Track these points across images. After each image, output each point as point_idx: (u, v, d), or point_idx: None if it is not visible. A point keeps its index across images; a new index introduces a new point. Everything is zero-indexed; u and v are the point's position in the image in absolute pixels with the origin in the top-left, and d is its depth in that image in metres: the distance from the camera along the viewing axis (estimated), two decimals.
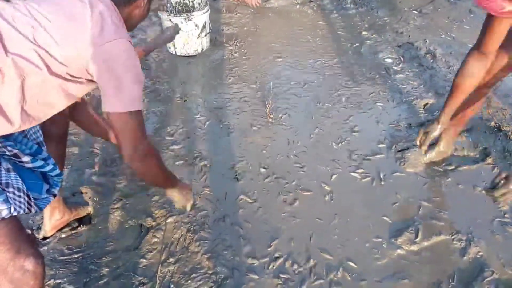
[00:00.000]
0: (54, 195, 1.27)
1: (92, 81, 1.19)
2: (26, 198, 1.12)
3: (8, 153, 1.11)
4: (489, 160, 2.22)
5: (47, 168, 1.25)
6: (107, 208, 1.92)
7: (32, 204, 1.15)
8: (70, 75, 1.14)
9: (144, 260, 1.70)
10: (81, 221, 1.87)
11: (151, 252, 1.73)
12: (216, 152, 2.29)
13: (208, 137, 2.42)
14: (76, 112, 1.59)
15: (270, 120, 2.56)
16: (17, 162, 1.16)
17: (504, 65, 1.84)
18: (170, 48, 3.32)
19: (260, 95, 2.83)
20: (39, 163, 1.23)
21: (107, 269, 1.66)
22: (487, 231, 1.83)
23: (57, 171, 1.28)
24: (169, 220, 1.85)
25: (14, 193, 1.07)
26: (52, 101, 1.16)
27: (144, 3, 1.32)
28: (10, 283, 1.04)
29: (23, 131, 1.23)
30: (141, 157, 1.25)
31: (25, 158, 1.16)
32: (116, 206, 1.93)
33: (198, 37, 3.25)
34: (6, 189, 1.06)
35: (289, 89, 2.91)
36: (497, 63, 1.83)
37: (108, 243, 1.78)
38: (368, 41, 3.65)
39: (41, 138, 1.33)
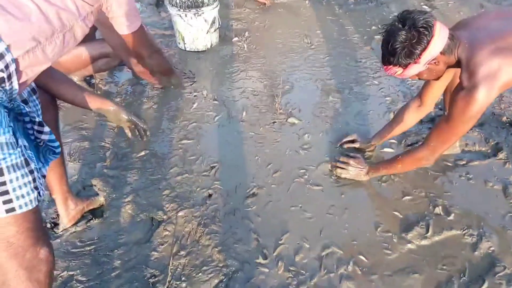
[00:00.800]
0: (44, 176, 1.27)
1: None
2: (43, 181, 1.16)
3: (36, 119, 1.14)
4: (501, 155, 2.20)
5: (56, 144, 1.26)
6: (118, 201, 1.94)
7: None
8: (90, 14, 1.32)
9: (156, 253, 1.71)
10: (93, 214, 1.89)
11: (162, 245, 1.74)
12: (226, 147, 2.30)
13: (218, 131, 2.42)
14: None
15: (280, 114, 2.56)
16: (34, 131, 1.18)
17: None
18: (179, 43, 3.33)
19: (269, 89, 2.83)
20: (53, 136, 1.24)
21: (119, 262, 1.68)
22: (498, 226, 1.82)
23: (59, 149, 1.29)
24: (180, 213, 1.86)
25: (39, 178, 1.09)
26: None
27: None
28: (25, 269, 1.08)
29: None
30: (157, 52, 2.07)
31: (46, 129, 1.18)
32: (127, 200, 1.95)
33: (207, 33, 3.26)
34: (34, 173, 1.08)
35: (299, 83, 2.91)
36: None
37: (119, 236, 1.80)
38: (378, 36, 3.62)
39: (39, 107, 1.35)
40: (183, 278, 1.61)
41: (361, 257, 1.69)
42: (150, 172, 2.11)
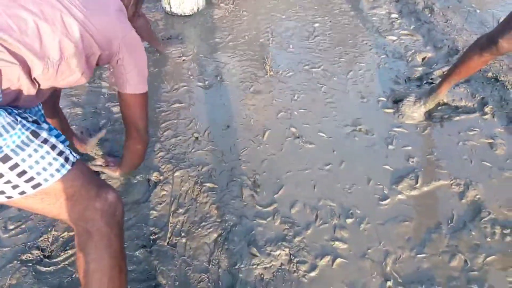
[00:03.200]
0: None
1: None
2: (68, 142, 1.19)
3: (30, 119, 1.11)
4: (486, 109, 2.26)
5: (62, 138, 1.26)
6: (114, 164, 1.95)
7: None
8: (96, 58, 1.28)
9: (154, 212, 1.75)
10: None
11: (160, 204, 1.78)
12: (218, 110, 2.31)
13: (209, 95, 2.43)
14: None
15: (271, 76, 2.57)
16: None
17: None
18: (166, 7, 3.26)
19: (259, 52, 2.82)
20: (56, 131, 1.25)
21: None
22: (484, 176, 1.90)
23: (67, 142, 1.29)
24: (176, 174, 1.89)
25: (59, 143, 1.10)
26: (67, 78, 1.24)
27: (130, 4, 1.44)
28: (101, 216, 1.12)
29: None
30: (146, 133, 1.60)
31: (44, 125, 1.16)
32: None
33: None
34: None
35: (288, 45, 2.90)
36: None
37: None
38: None
39: (42, 112, 1.41)
40: (182, 234, 1.65)
41: (354, 208, 1.75)
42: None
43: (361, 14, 3.34)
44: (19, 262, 1.52)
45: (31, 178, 1.00)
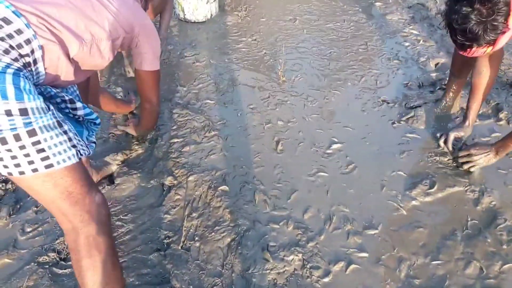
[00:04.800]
0: (94, 142, 1.43)
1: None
2: (83, 142, 1.26)
3: (66, 97, 1.24)
4: (501, 116, 2.24)
5: (93, 116, 1.36)
6: (129, 169, 1.98)
7: (88, 147, 1.29)
8: (121, 41, 1.46)
9: (168, 216, 1.76)
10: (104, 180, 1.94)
11: (174, 208, 1.79)
12: (231, 114, 2.32)
13: (222, 101, 2.45)
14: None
15: (283, 82, 2.58)
16: (69, 109, 1.28)
17: None
18: (179, 14, 3.31)
19: (272, 58, 2.83)
20: (88, 110, 1.34)
21: (133, 225, 1.74)
22: (500, 182, 1.88)
23: (99, 120, 1.41)
24: (190, 178, 1.91)
25: (75, 138, 1.18)
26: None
27: None
28: (88, 213, 1.19)
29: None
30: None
31: (78, 104, 1.29)
32: (138, 167, 1.99)
33: (207, 3, 3.23)
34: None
35: (301, 51, 2.91)
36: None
37: (132, 201, 1.85)
38: (378, 3, 3.61)
39: (77, 92, 1.51)
40: (196, 238, 1.66)
41: (368, 214, 1.75)
42: (156, 140, 2.15)
43: (374, 20, 3.34)
44: (36, 264, 1.55)
45: (47, 157, 1.08)
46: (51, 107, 1.12)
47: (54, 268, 1.54)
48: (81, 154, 1.20)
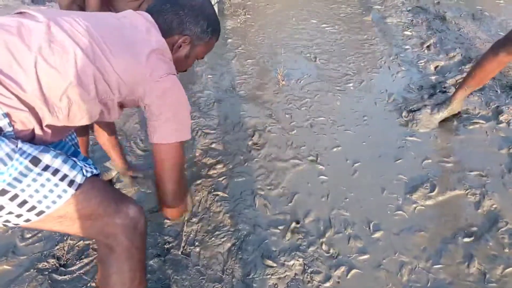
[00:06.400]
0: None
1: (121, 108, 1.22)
2: (89, 166, 1.13)
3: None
4: (501, 118, 2.24)
5: (76, 157, 1.24)
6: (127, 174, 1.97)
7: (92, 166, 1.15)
8: (119, 104, 1.17)
9: (168, 221, 1.75)
10: None
11: None
12: (232, 119, 2.32)
13: (222, 104, 2.44)
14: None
15: (283, 86, 2.58)
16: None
17: None
18: None
19: (271, 61, 2.84)
20: (71, 148, 1.29)
21: None
22: (500, 185, 1.87)
23: (97, 171, 1.26)
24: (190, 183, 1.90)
25: (65, 164, 1.04)
26: (80, 119, 1.14)
27: (186, 45, 1.27)
28: (121, 231, 1.09)
29: None
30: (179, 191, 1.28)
31: (50, 151, 1.10)
32: (137, 171, 1.98)
33: None
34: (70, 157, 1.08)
35: (300, 55, 2.92)
36: None
37: None
38: (377, 6, 3.61)
39: (76, 140, 1.38)
40: (196, 243, 1.66)
41: (368, 218, 1.74)
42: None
43: (373, 23, 3.35)
44: (35, 270, 1.54)
45: (33, 207, 0.98)
46: (19, 144, 0.96)
47: (54, 275, 1.53)
48: (83, 176, 1.06)
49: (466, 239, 1.64)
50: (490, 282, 1.49)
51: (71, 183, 1.02)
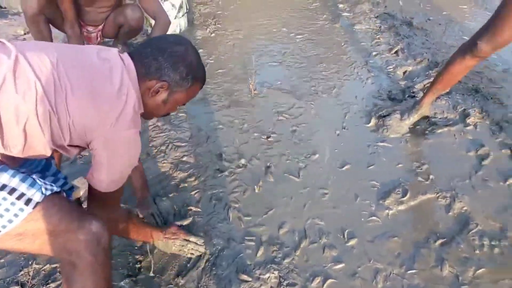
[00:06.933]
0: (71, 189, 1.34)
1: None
2: (50, 184, 1.12)
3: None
4: (468, 121, 2.29)
5: (58, 184, 1.28)
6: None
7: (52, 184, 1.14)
8: (69, 145, 1.15)
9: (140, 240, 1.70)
10: None
11: None
12: (204, 130, 2.29)
13: (192, 116, 2.41)
14: None
15: (255, 95, 2.57)
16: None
17: None
18: (147, 29, 3.27)
19: (242, 71, 2.83)
20: (49, 179, 1.25)
21: None
22: (469, 187, 1.90)
23: (69, 185, 1.30)
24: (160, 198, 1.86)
25: (38, 179, 1.07)
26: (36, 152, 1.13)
27: (163, 91, 1.23)
28: (84, 247, 1.08)
29: None
30: (107, 221, 1.21)
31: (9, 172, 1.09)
32: None
33: (175, 18, 3.21)
34: (30, 175, 1.07)
35: (271, 64, 2.92)
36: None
37: None
38: (345, 13, 3.67)
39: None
40: (168, 260, 1.61)
41: (342, 226, 1.74)
42: None
43: (342, 31, 3.39)
44: None
45: None
46: None
47: None
48: (42, 194, 1.06)
49: (438, 243, 1.66)
50: (463, 284, 1.51)
51: (28, 201, 1.03)
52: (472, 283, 1.52)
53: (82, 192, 1.91)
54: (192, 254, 1.62)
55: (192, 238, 1.64)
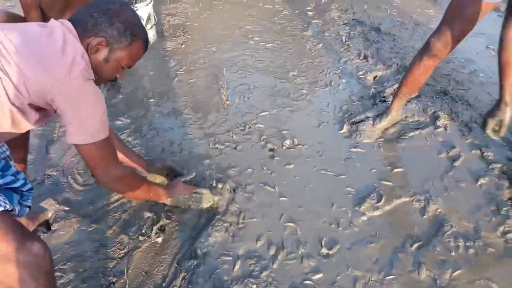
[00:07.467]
0: (29, 207, 1.30)
1: (44, 115, 1.25)
2: (3, 198, 1.12)
3: None
4: (439, 123, 2.32)
5: (18, 184, 1.23)
6: (66, 213, 1.84)
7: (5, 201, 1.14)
8: (31, 106, 1.18)
9: (113, 261, 1.64)
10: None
11: (119, 250, 1.68)
12: (177, 143, 2.25)
13: (166, 131, 2.36)
14: None
15: (228, 105, 2.55)
16: None
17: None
18: None
19: (214, 81, 2.80)
20: (9, 178, 1.21)
21: (73, 274, 1.59)
22: (442, 189, 1.93)
23: (28, 186, 1.26)
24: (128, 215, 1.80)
25: None
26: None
27: (103, 48, 1.27)
28: (24, 269, 1.06)
29: None
30: (114, 182, 1.39)
31: None
32: (76, 209, 1.86)
33: None
34: None
35: (242, 73, 2.91)
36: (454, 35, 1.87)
37: (71, 247, 1.71)
38: (314, 21, 3.70)
39: (8, 153, 1.30)
40: (142, 279, 1.56)
41: (320, 235, 1.72)
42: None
43: (312, 38, 3.41)
44: None
45: None
46: None
47: None
48: None
49: (415, 246, 1.66)
50: (441, 287, 1.52)
51: None
52: (449, 285, 1.52)
53: (50, 214, 1.85)
54: (209, 202, 1.74)
55: (201, 190, 1.75)
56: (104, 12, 1.26)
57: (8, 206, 1.12)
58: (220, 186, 1.87)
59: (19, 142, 1.56)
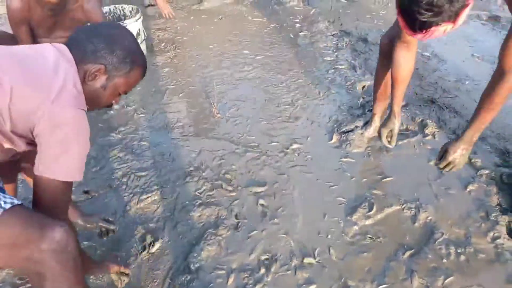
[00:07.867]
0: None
1: (30, 144, 1.17)
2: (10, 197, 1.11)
3: None
4: (427, 131, 2.36)
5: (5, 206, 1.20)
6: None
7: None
8: (14, 133, 1.11)
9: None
10: None
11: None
12: (167, 158, 2.25)
13: (157, 145, 2.37)
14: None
15: (218, 118, 2.56)
16: None
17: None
18: None
19: (204, 95, 2.82)
20: None
21: None
22: (432, 197, 1.95)
23: (18, 202, 1.23)
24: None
25: None
26: None
27: (101, 75, 1.21)
28: (51, 257, 1.06)
29: None
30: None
31: None
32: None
33: None
34: None
35: (233, 85, 2.93)
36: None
37: None
38: (302, 33, 3.75)
39: (1, 184, 1.27)
40: None
41: (312, 245, 1.73)
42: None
43: (301, 49, 3.46)
44: None
45: None
46: None
47: None
48: (1, 207, 1.05)
49: (407, 255, 1.67)
50: None
51: None
52: None
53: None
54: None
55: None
56: (105, 38, 1.21)
57: (15, 201, 1.10)
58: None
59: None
